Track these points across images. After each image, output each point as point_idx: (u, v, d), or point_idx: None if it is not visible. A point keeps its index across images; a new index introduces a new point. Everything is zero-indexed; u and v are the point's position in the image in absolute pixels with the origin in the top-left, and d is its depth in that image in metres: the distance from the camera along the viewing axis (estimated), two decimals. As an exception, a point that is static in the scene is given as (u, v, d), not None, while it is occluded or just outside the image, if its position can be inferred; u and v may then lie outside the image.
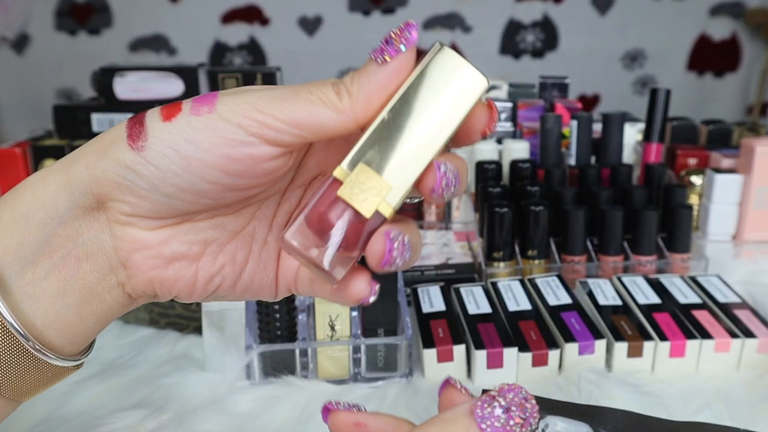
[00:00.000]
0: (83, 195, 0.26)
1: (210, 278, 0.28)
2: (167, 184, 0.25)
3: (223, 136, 0.24)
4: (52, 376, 0.28)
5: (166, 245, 0.27)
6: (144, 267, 0.27)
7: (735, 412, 0.51)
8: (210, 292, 0.28)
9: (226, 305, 0.59)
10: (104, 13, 1.87)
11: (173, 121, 0.25)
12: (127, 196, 0.25)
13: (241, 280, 0.29)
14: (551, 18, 1.90)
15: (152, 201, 0.25)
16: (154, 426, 0.51)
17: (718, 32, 1.90)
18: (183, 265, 0.27)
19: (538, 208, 0.67)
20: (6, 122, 1.92)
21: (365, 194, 0.25)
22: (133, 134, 0.25)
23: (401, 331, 0.57)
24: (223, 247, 0.28)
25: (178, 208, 0.26)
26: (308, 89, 0.25)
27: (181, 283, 0.28)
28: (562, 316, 0.59)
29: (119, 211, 0.26)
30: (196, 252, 0.28)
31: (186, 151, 0.24)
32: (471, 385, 0.55)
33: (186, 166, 0.25)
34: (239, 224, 0.28)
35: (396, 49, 0.25)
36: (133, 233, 0.26)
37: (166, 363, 0.60)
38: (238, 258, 0.28)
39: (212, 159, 0.25)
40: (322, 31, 1.89)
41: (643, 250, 0.69)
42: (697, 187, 0.79)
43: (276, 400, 0.53)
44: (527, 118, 0.91)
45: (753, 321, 0.58)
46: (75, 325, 0.27)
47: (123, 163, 0.25)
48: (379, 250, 0.25)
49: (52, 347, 0.27)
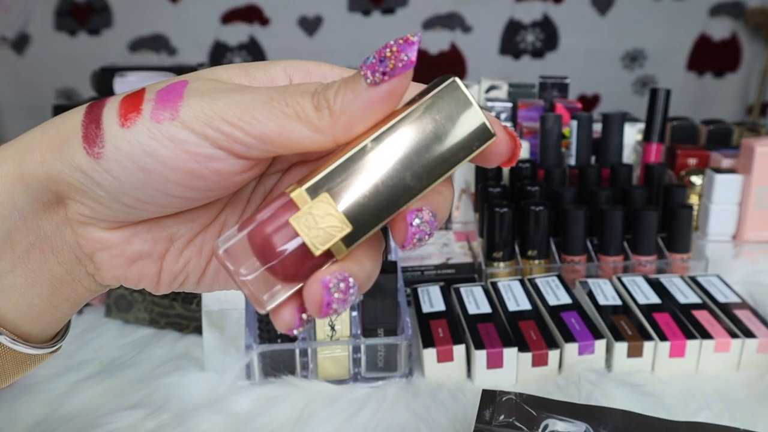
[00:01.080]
0: (40, 190, 0.24)
1: (174, 276, 0.27)
2: (127, 195, 0.23)
3: (187, 150, 0.22)
4: (30, 362, 0.27)
5: (129, 244, 0.25)
6: (108, 266, 0.26)
7: (735, 412, 0.51)
8: (175, 287, 0.27)
9: (226, 305, 0.59)
10: (104, 13, 1.87)
11: (132, 128, 0.22)
12: (84, 200, 0.24)
13: (206, 274, 0.27)
14: (551, 18, 1.90)
15: (111, 208, 0.24)
16: (153, 426, 0.51)
17: (718, 32, 1.90)
18: (146, 263, 0.26)
19: (538, 208, 0.67)
20: (6, 122, 1.92)
21: (320, 230, 0.22)
22: (88, 136, 0.23)
23: (401, 331, 0.57)
24: (191, 241, 0.26)
25: (139, 215, 0.24)
26: (285, 99, 0.22)
27: (146, 281, 0.26)
28: (562, 316, 0.59)
29: (77, 211, 0.24)
30: (160, 249, 0.26)
31: (146, 164, 0.22)
32: (471, 385, 0.55)
33: (146, 180, 0.22)
34: (210, 216, 0.27)
35: (390, 71, 0.21)
36: (93, 233, 0.25)
37: (166, 363, 0.60)
38: (205, 250, 0.27)
39: (174, 175, 0.22)
40: (322, 31, 1.89)
41: (643, 250, 0.69)
42: (697, 187, 0.79)
43: (276, 400, 0.53)
44: (527, 118, 0.90)
45: (753, 321, 0.58)
46: (48, 313, 0.26)
47: (79, 168, 0.23)
48: (316, 299, 0.22)
49: (27, 337, 0.26)
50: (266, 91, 0.22)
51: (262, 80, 0.25)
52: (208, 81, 0.24)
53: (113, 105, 0.23)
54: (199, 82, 0.23)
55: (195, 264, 0.27)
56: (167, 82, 0.24)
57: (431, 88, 0.23)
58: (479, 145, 0.22)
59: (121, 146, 0.22)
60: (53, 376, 0.57)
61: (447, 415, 0.51)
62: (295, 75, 0.26)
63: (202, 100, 0.22)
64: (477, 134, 0.22)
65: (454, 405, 0.52)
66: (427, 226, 0.23)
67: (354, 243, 0.22)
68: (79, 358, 0.60)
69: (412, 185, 0.22)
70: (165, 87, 0.23)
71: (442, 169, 0.22)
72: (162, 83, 0.24)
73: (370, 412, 0.52)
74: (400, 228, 0.23)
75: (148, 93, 0.23)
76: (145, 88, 0.23)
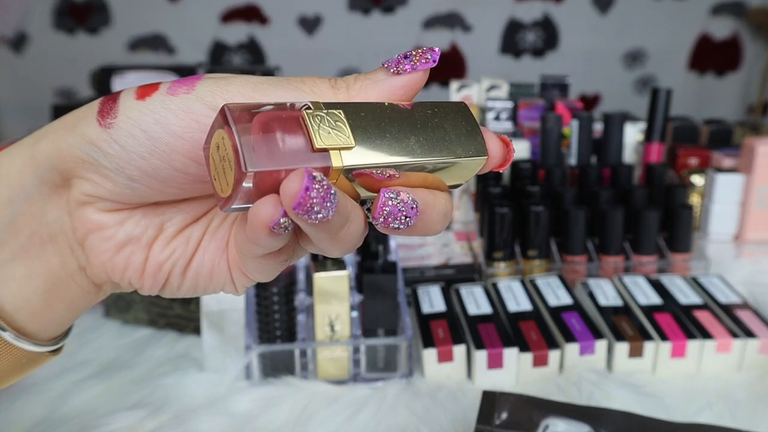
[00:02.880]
0: (48, 170, 0.24)
1: (159, 267, 0.26)
2: (131, 166, 0.23)
3: (197, 120, 0.23)
4: (27, 362, 0.27)
5: (121, 227, 0.25)
6: (97, 250, 0.25)
7: (736, 412, 0.51)
8: (159, 284, 0.27)
9: (225, 305, 0.58)
10: (103, 12, 1.87)
11: (147, 100, 0.23)
12: (89, 174, 0.24)
13: (192, 264, 0.27)
14: (552, 17, 1.90)
15: (115, 182, 0.24)
16: (153, 426, 0.51)
17: (719, 32, 1.90)
18: (134, 250, 0.26)
19: (538, 208, 0.67)
20: (4, 122, 1.92)
21: (326, 130, 0.21)
22: (104, 110, 0.23)
23: (401, 331, 0.56)
24: (180, 232, 0.27)
25: (141, 194, 0.24)
26: (302, 79, 0.24)
27: (130, 271, 0.26)
28: (562, 316, 0.59)
29: (80, 189, 0.24)
30: (150, 236, 0.26)
31: (154, 132, 0.23)
32: (471, 385, 0.55)
33: (152, 149, 0.23)
34: (199, 210, 0.27)
35: (413, 66, 0.24)
36: (89, 213, 0.25)
37: (166, 363, 0.59)
38: (192, 238, 0.27)
39: (181, 144, 0.23)
40: (321, 30, 1.89)
41: (643, 251, 0.69)
42: (698, 186, 0.79)
43: (275, 400, 0.53)
44: (528, 118, 0.90)
45: (754, 321, 0.58)
46: (44, 312, 0.26)
47: (89, 139, 0.23)
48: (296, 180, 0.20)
49: (24, 332, 0.26)
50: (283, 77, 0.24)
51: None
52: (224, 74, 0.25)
53: (132, 87, 0.24)
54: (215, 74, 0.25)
55: (181, 253, 0.27)
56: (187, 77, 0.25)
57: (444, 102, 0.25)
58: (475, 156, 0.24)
59: (133, 116, 0.23)
60: (52, 377, 0.57)
61: (447, 416, 0.51)
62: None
63: (219, 81, 0.23)
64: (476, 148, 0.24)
65: (454, 405, 0.52)
66: (402, 206, 0.22)
67: (351, 163, 0.22)
68: (78, 359, 0.60)
69: (413, 148, 0.23)
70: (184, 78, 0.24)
71: (441, 151, 0.23)
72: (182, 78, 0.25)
73: (370, 412, 0.52)
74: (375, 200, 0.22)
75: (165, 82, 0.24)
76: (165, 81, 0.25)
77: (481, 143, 0.24)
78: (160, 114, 0.23)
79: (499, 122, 0.86)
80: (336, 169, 0.21)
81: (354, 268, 0.60)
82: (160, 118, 0.23)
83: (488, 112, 0.86)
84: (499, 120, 0.86)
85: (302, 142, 0.21)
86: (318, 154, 0.21)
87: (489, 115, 0.86)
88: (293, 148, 0.21)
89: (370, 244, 0.61)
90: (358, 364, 0.56)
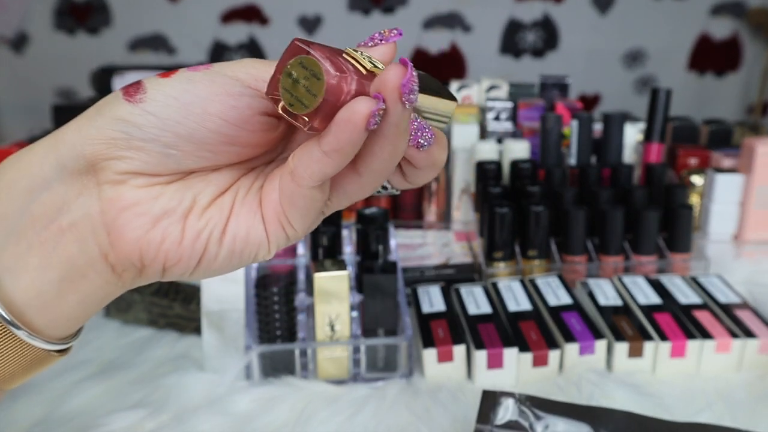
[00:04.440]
0: (72, 158, 0.25)
1: (197, 235, 0.27)
2: (168, 132, 0.25)
3: (222, 86, 0.25)
4: (37, 362, 0.27)
5: (156, 201, 0.26)
6: (131, 225, 0.26)
7: (736, 412, 0.51)
8: (198, 254, 0.27)
9: (225, 305, 0.58)
10: (103, 12, 1.87)
11: (172, 77, 0.25)
12: (123, 151, 0.25)
13: (228, 229, 0.27)
14: (551, 17, 1.90)
15: (150, 153, 0.25)
16: (153, 426, 0.51)
17: (719, 32, 1.90)
18: (170, 222, 0.26)
19: (538, 208, 0.67)
20: (4, 122, 1.92)
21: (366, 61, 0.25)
22: (130, 91, 0.25)
23: (401, 331, 0.56)
24: (212, 202, 0.28)
25: (177, 161, 0.26)
26: None
27: (168, 244, 0.26)
28: (562, 316, 0.59)
29: (113, 169, 0.25)
30: (185, 207, 0.27)
31: (186, 99, 0.25)
32: (471, 385, 0.55)
33: (187, 113, 0.25)
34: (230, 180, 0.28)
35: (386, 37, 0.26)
36: (123, 191, 0.25)
37: (166, 363, 0.59)
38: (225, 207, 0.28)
39: (212, 105, 0.25)
40: (322, 30, 1.89)
41: (643, 250, 0.69)
42: (698, 186, 0.79)
43: (275, 400, 0.53)
44: (528, 118, 0.90)
45: (754, 321, 0.58)
46: (56, 305, 0.26)
47: (120, 117, 0.25)
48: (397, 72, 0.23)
49: (32, 328, 0.26)
50: None
51: None
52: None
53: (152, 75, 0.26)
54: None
55: (216, 221, 0.27)
56: None
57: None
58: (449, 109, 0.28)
59: (163, 89, 0.25)
60: (53, 376, 0.57)
61: (447, 416, 0.51)
62: None
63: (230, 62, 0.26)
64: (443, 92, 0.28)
65: (454, 405, 0.52)
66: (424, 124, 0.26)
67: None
68: (78, 359, 0.60)
69: None
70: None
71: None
72: None
73: (370, 412, 0.52)
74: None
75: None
76: None
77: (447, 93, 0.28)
78: (187, 85, 0.25)
79: (499, 122, 0.86)
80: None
81: (354, 268, 0.60)
82: (188, 87, 0.25)
83: (488, 112, 0.86)
84: (499, 120, 0.86)
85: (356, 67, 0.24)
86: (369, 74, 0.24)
87: (489, 115, 0.86)
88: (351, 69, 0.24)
89: (370, 244, 0.61)
90: (358, 364, 0.56)
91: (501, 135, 0.87)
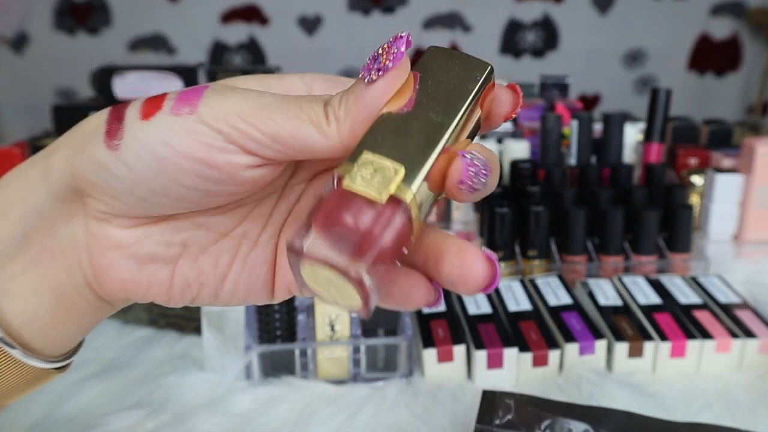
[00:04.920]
0: (63, 188, 0.24)
1: (187, 284, 0.26)
2: (141, 187, 0.23)
3: (201, 141, 0.23)
4: (33, 380, 0.27)
5: (141, 245, 0.25)
6: (117, 268, 0.25)
7: (736, 412, 0.51)
8: (189, 299, 0.27)
9: (225, 305, 0.58)
10: (103, 12, 1.87)
11: (151, 120, 0.23)
12: (102, 196, 0.24)
13: (224, 287, 0.27)
14: (551, 17, 1.90)
15: (126, 203, 0.24)
16: (153, 426, 0.51)
17: (719, 32, 1.90)
18: (158, 267, 0.26)
19: (538, 208, 0.67)
20: (4, 122, 1.92)
21: (375, 179, 0.21)
22: (111, 130, 0.23)
23: (401, 331, 0.56)
24: (206, 249, 0.26)
25: (156, 210, 0.24)
26: (300, 104, 0.23)
27: (156, 288, 0.26)
28: (562, 316, 0.59)
29: (94, 207, 0.25)
30: (173, 254, 0.26)
31: (161, 153, 0.23)
32: (471, 385, 0.55)
33: (161, 169, 0.23)
34: (228, 225, 0.26)
35: (383, 67, 0.22)
36: (108, 230, 0.25)
37: (166, 363, 0.59)
38: (221, 262, 0.26)
39: (188, 164, 0.23)
40: (321, 30, 1.89)
41: (643, 250, 0.69)
42: (698, 186, 0.79)
43: (275, 400, 0.53)
44: (528, 118, 0.90)
45: (754, 321, 0.58)
46: (51, 328, 0.26)
47: (97, 161, 0.23)
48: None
49: (30, 348, 0.26)
50: (283, 96, 0.23)
51: (278, 89, 0.26)
52: (228, 86, 0.24)
53: (137, 103, 0.24)
54: (219, 86, 0.24)
55: (210, 274, 0.26)
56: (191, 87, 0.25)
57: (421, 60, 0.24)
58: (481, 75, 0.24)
59: (139, 137, 0.23)
60: (52, 377, 0.57)
61: (447, 416, 0.51)
62: (314, 84, 0.27)
63: (221, 98, 0.23)
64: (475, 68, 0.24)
65: (454, 405, 0.52)
66: (480, 163, 0.23)
67: (414, 180, 0.21)
68: (78, 359, 0.59)
69: (439, 120, 0.23)
70: (187, 89, 0.24)
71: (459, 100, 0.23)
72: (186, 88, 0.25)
73: (370, 412, 0.52)
74: (455, 165, 0.22)
75: (171, 94, 0.24)
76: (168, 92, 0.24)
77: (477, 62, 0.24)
78: (164, 134, 0.23)
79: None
80: (411, 198, 0.21)
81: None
82: (165, 138, 0.23)
83: (488, 112, 0.86)
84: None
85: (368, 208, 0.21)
86: (389, 204, 0.21)
87: (489, 115, 0.86)
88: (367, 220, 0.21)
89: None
90: (358, 364, 0.56)
91: (501, 135, 0.87)
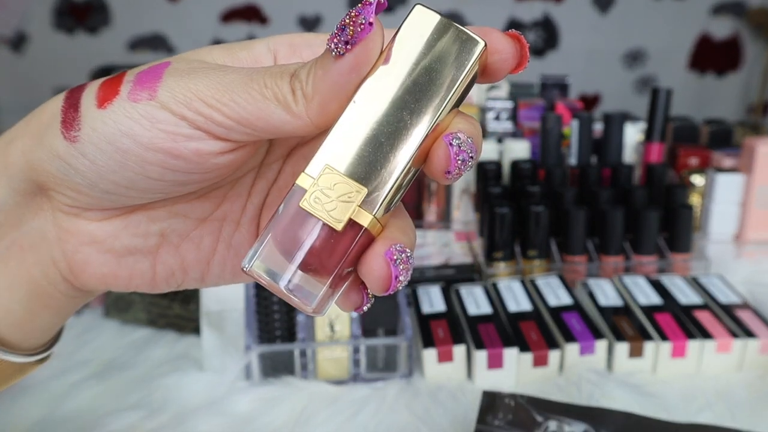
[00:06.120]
0: (22, 181, 0.23)
1: (171, 272, 0.25)
2: (105, 180, 0.22)
3: (164, 129, 0.21)
4: (13, 373, 0.26)
5: (117, 239, 0.24)
6: (94, 263, 0.24)
7: (736, 412, 0.51)
8: (175, 285, 0.26)
9: (225, 305, 0.58)
10: (103, 12, 1.87)
11: (108, 108, 0.21)
12: (64, 189, 0.23)
13: (210, 270, 0.25)
14: (552, 17, 1.90)
15: (91, 196, 0.22)
16: (152, 426, 0.50)
17: (719, 32, 1.90)
18: (137, 259, 0.24)
19: (538, 208, 0.67)
20: (4, 122, 1.92)
21: (333, 203, 0.20)
22: (67, 120, 0.22)
23: (401, 331, 0.56)
24: (186, 236, 0.25)
25: (124, 201, 0.23)
26: (264, 81, 0.21)
27: (138, 279, 0.25)
28: (562, 316, 0.59)
29: (61, 201, 0.23)
30: (152, 245, 0.24)
31: (122, 144, 0.21)
32: (471, 385, 0.55)
33: (123, 162, 0.21)
34: (205, 210, 0.25)
35: (350, 40, 0.20)
36: (79, 224, 0.23)
37: (165, 363, 0.59)
38: (204, 247, 0.25)
39: (152, 156, 0.21)
40: (321, 29, 1.89)
41: (644, 251, 0.69)
42: (699, 186, 0.79)
43: (275, 400, 0.53)
44: (528, 118, 0.90)
45: (755, 321, 0.58)
46: (28, 321, 0.25)
47: (57, 154, 0.22)
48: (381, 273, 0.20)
49: (7, 344, 0.25)
50: (247, 71, 0.21)
51: (246, 59, 0.24)
52: (191, 61, 0.22)
53: (92, 88, 0.22)
54: (181, 62, 0.22)
55: (194, 259, 0.25)
56: (150, 64, 0.23)
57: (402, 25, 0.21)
58: (470, 58, 0.20)
59: (98, 127, 0.21)
60: (52, 377, 0.57)
61: (447, 416, 0.51)
62: (280, 50, 0.25)
63: (181, 80, 0.21)
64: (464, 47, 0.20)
65: (454, 405, 0.52)
66: (467, 147, 0.20)
67: (377, 206, 0.20)
68: (77, 359, 0.60)
69: (414, 124, 0.20)
70: (146, 69, 0.22)
71: (441, 96, 0.20)
72: (144, 66, 0.23)
73: (370, 412, 0.52)
74: (440, 154, 0.20)
75: (128, 75, 0.22)
76: (126, 72, 0.22)
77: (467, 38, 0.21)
78: (124, 124, 0.21)
79: (500, 122, 0.86)
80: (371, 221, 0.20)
81: (354, 268, 0.60)
82: (126, 129, 0.21)
83: (488, 112, 0.86)
84: (500, 120, 0.86)
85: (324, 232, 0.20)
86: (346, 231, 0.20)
87: (489, 115, 0.86)
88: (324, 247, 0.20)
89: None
90: (358, 364, 0.56)
91: (501, 135, 0.87)
